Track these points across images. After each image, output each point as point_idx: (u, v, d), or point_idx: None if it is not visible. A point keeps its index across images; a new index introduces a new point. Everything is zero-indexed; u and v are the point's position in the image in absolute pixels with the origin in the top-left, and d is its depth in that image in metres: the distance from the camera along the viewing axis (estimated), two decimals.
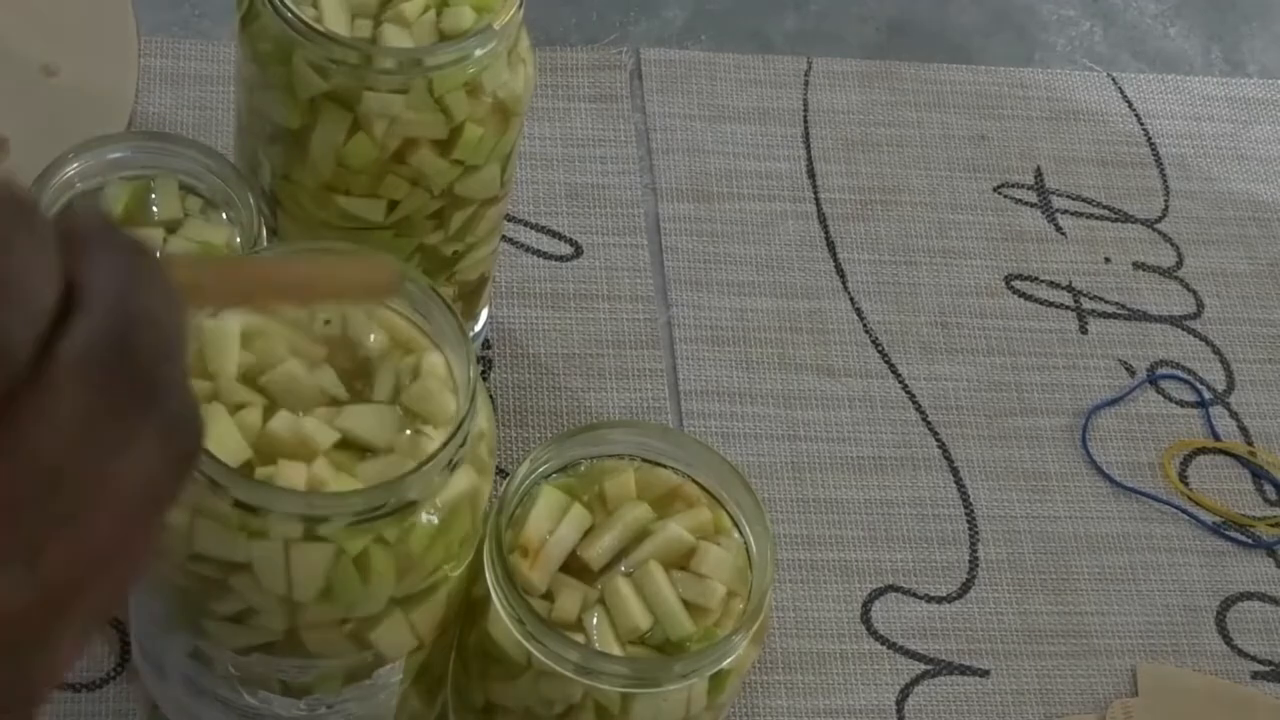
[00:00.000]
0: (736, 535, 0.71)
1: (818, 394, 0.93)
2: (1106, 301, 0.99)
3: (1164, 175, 1.05)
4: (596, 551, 0.70)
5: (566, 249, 0.96)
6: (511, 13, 0.75)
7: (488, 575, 0.68)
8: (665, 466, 0.73)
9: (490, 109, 0.76)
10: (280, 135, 0.77)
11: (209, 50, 0.99)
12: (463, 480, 0.65)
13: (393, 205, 0.78)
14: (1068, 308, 0.99)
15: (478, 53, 0.74)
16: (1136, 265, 1.01)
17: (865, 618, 0.87)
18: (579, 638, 0.68)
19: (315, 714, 0.70)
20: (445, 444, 0.63)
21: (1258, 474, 0.95)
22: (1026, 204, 1.02)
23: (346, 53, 0.73)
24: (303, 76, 0.74)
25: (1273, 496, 0.94)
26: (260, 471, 0.63)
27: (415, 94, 0.74)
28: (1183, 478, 0.94)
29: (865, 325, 0.96)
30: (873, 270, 0.98)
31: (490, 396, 0.82)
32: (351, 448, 0.64)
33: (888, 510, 0.90)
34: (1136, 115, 1.07)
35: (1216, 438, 0.95)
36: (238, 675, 0.68)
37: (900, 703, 0.85)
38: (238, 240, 0.75)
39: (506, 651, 0.69)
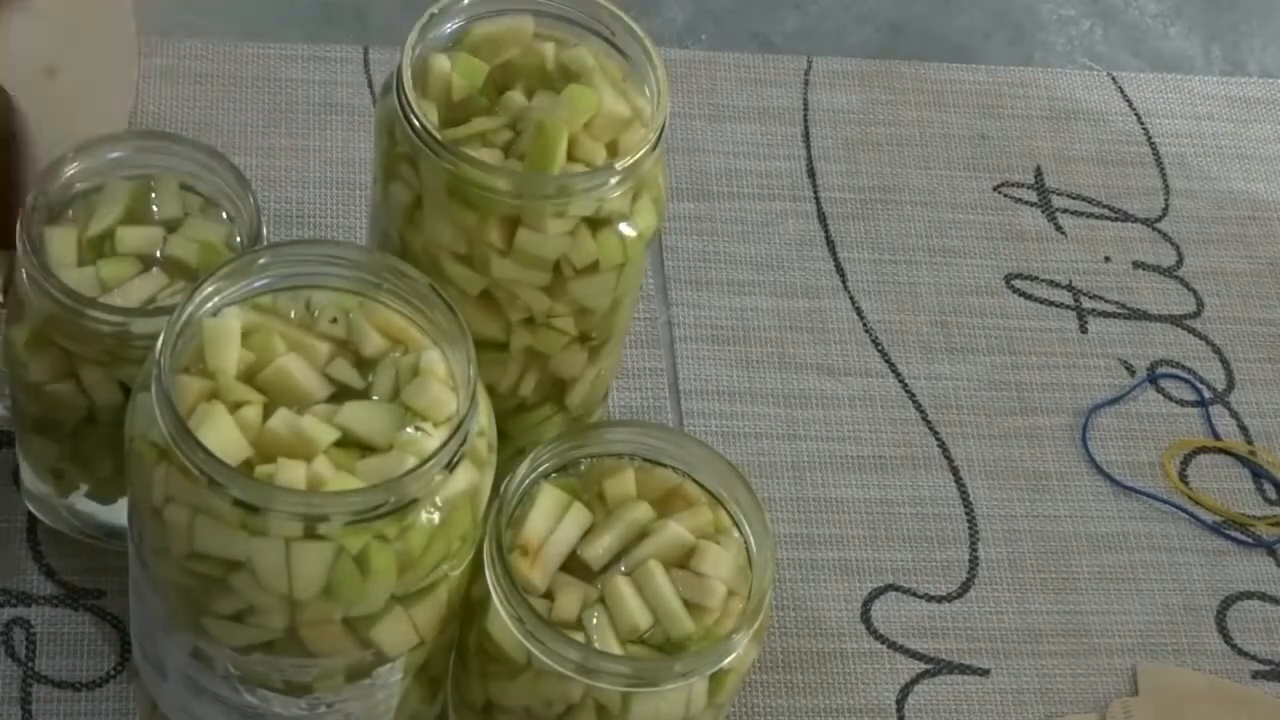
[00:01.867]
0: (736, 535, 0.71)
1: (817, 393, 0.93)
2: (1106, 301, 0.99)
3: (1164, 174, 1.05)
4: (596, 551, 0.70)
5: None
6: (637, 156, 0.72)
7: (488, 574, 0.68)
8: (665, 466, 0.73)
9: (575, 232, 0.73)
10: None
11: (209, 50, 0.99)
12: (463, 478, 0.65)
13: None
14: (1068, 307, 0.99)
15: (581, 186, 0.71)
16: (1136, 264, 1.01)
17: (865, 617, 0.87)
18: (579, 637, 0.68)
19: (315, 713, 0.70)
20: (446, 442, 0.63)
21: (1258, 473, 0.95)
22: (1026, 203, 1.02)
23: (458, 166, 0.71)
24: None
25: (1273, 496, 0.94)
26: (260, 470, 0.63)
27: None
28: (1183, 477, 0.94)
29: (865, 324, 0.96)
30: (873, 269, 0.98)
31: None
32: (351, 445, 0.64)
33: (888, 509, 0.90)
34: (1136, 114, 1.07)
35: (1216, 437, 0.95)
36: (238, 675, 0.68)
37: (900, 702, 0.85)
38: (238, 239, 0.75)
39: (506, 651, 0.69)
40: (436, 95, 0.73)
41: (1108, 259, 1.01)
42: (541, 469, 0.71)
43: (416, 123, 0.71)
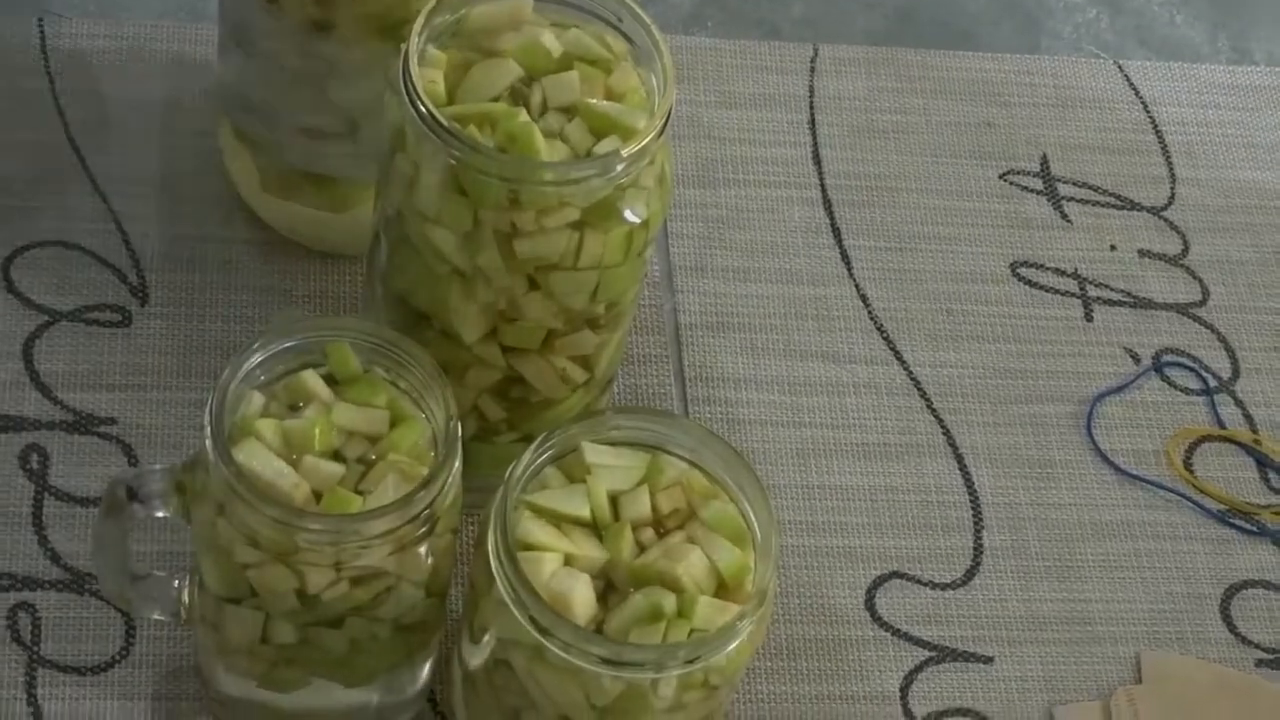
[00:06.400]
0: (741, 521, 0.71)
1: (822, 380, 0.93)
2: (1112, 289, 0.99)
3: (1170, 163, 1.05)
4: (603, 537, 0.70)
5: None
6: (643, 142, 0.72)
7: (492, 560, 0.69)
8: (670, 453, 0.73)
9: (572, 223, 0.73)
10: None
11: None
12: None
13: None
14: (1073, 295, 0.99)
15: (586, 173, 0.72)
16: (1142, 253, 1.01)
17: (869, 604, 0.87)
18: (584, 624, 0.68)
19: None
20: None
21: (1262, 462, 0.95)
22: (1032, 191, 1.02)
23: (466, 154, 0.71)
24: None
25: (1277, 484, 0.94)
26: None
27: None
28: (1188, 465, 0.94)
29: (870, 312, 0.96)
30: (878, 257, 0.98)
31: None
32: None
33: (892, 497, 0.90)
34: (1143, 102, 1.07)
35: (1221, 425, 0.95)
36: None
37: (904, 689, 0.85)
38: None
39: (512, 638, 0.69)
40: (438, 79, 0.73)
41: (1113, 247, 1.01)
42: (547, 455, 0.71)
43: (423, 109, 0.71)
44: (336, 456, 0.69)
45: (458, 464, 0.69)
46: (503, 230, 0.72)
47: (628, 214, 0.73)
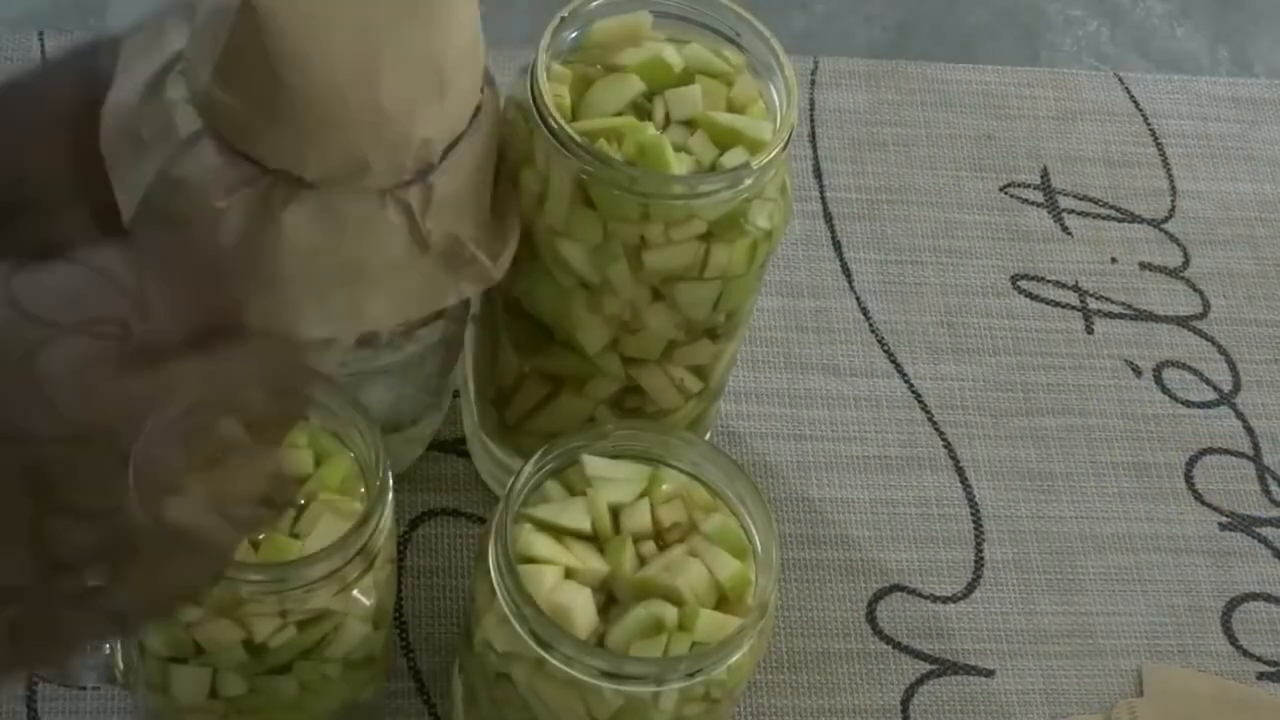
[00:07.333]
0: (742, 534, 0.71)
1: (823, 393, 0.93)
2: (1112, 301, 0.99)
3: (1170, 175, 1.05)
4: (602, 549, 0.70)
5: None
6: (771, 155, 0.73)
7: (492, 573, 0.68)
8: (671, 466, 0.73)
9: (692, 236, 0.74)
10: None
11: None
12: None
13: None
14: (1074, 308, 0.99)
15: (713, 187, 0.72)
16: (1143, 265, 1.01)
17: (870, 617, 0.87)
18: (585, 637, 0.68)
19: None
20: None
21: (1264, 475, 0.95)
22: (1033, 204, 1.02)
23: (598, 168, 0.72)
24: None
25: (1279, 497, 0.94)
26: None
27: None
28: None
29: (871, 324, 0.96)
30: (879, 269, 0.98)
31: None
32: None
33: (893, 510, 0.90)
34: (1143, 115, 1.07)
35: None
36: None
37: (905, 702, 0.85)
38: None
39: (513, 651, 0.69)
40: (564, 95, 0.74)
41: (1114, 260, 1.01)
42: (547, 468, 0.71)
43: (554, 124, 0.71)
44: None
45: (390, 495, 0.69)
46: (632, 243, 0.73)
47: (754, 225, 0.74)
